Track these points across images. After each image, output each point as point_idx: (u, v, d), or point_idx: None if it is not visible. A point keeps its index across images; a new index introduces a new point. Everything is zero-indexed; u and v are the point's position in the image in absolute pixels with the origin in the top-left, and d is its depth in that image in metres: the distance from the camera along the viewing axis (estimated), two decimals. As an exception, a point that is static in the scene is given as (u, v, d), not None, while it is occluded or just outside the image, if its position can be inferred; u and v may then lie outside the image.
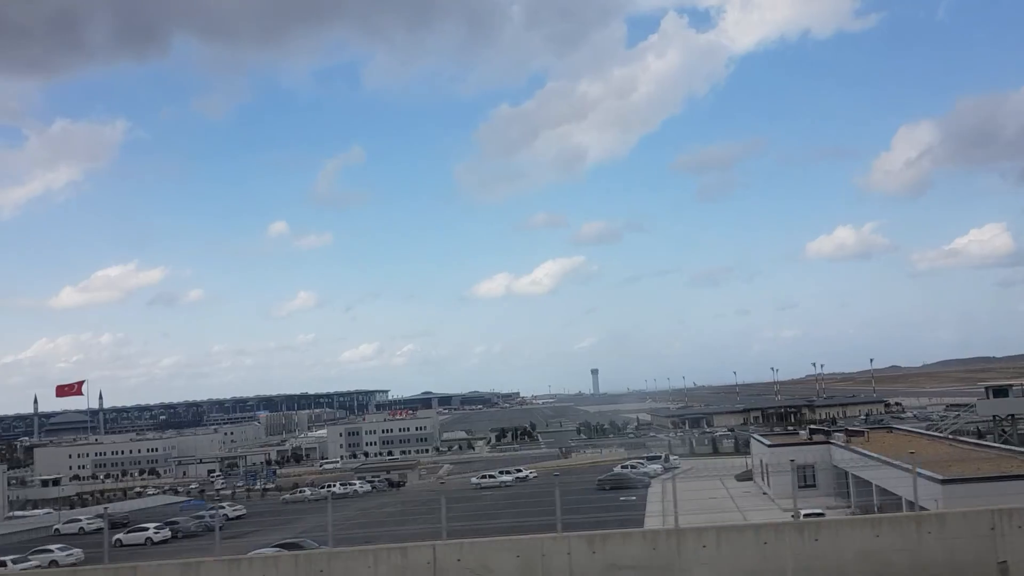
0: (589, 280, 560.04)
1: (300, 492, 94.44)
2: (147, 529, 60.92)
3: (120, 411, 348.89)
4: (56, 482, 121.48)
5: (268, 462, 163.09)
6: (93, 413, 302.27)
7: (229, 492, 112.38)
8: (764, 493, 60.90)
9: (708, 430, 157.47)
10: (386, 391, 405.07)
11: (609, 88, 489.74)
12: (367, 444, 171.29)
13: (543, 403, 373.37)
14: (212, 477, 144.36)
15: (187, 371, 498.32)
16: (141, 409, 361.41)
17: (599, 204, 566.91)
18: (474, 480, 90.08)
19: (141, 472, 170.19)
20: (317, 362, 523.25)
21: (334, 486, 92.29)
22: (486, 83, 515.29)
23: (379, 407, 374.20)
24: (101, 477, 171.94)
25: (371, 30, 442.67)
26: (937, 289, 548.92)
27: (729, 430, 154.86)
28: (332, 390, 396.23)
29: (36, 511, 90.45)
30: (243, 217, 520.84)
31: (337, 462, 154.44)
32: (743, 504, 56.20)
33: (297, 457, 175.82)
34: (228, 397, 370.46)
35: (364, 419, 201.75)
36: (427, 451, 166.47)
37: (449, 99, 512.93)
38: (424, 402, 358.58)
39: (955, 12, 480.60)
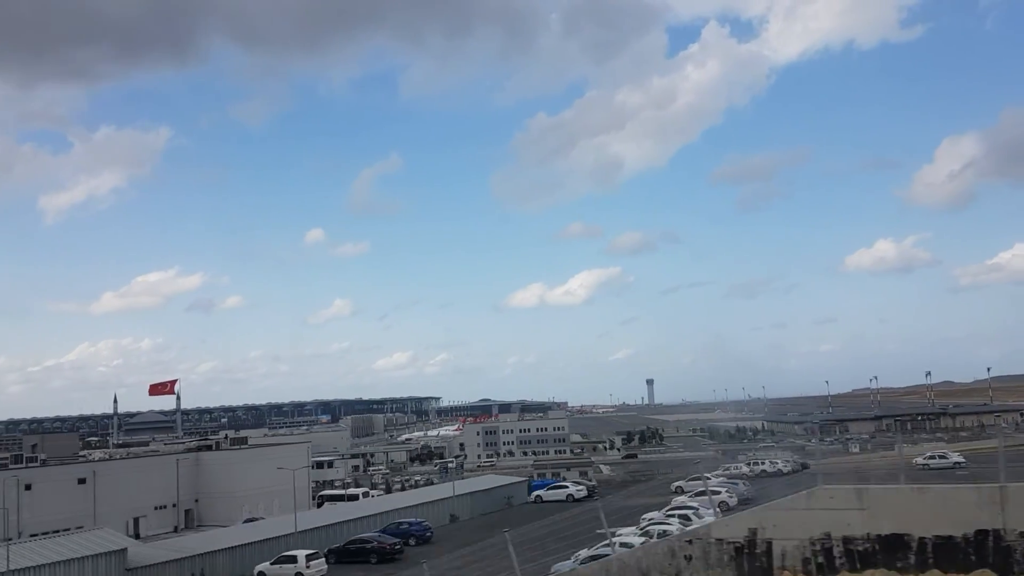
0: (624, 291, 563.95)
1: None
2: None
3: (183, 413, 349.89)
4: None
5: (413, 459, 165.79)
6: (170, 414, 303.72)
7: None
8: None
9: (850, 435, 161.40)
10: (438, 398, 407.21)
11: (648, 98, 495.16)
12: (504, 444, 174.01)
13: (603, 412, 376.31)
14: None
15: (224, 376, 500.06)
16: (201, 412, 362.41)
17: (635, 214, 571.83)
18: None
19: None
20: (350, 370, 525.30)
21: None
22: (524, 92, 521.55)
23: (440, 413, 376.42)
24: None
25: (409, 39, 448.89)
26: (980, 304, 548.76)
27: (870, 436, 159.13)
28: (367, 397, 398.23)
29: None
30: (280, 224, 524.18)
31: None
32: None
33: (426, 456, 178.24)
34: (287, 401, 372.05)
35: (497, 419, 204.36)
36: (564, 451, 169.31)
37: (486, 108, 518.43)
38: (483, 409, 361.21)
39: (1002, 22, 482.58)
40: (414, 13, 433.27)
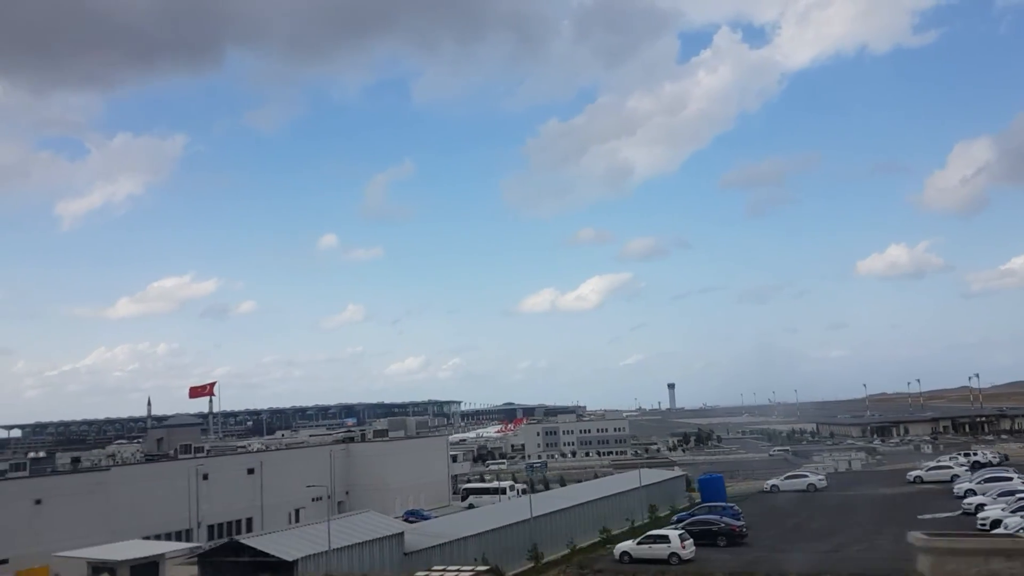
0: (636, 296, 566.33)
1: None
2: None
3: (211, 416, 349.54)
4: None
5: (475, 459, 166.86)
6: (203, 416, 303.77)
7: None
8: None
9: (910, 438, 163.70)
10: (459, 402, 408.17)
11: (660, 103, 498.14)
12: (564, 444, 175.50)
13: (627, 416, 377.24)
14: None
15: (237, 381, 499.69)
16: (227, 415, 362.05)
17: (646, 220, 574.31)
18: None
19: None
20: (364, 374, 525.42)
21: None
22: (535, 97, 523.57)
23: (463, 417, 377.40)
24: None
25: (422, 44, 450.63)
26: (993, 309, 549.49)
27: (932, 437, 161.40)
28: (388, 400, 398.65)
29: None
30: (294, 230, 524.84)
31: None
32: None
33: (485, 455, 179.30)
34: (311, 404, 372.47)
35: (557, 420, 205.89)
36: (624, 452, 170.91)
37: (498, 113, 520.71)
38: (507, 413, 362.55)
39: (1015, 27, 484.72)
40: (426, 19, 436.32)
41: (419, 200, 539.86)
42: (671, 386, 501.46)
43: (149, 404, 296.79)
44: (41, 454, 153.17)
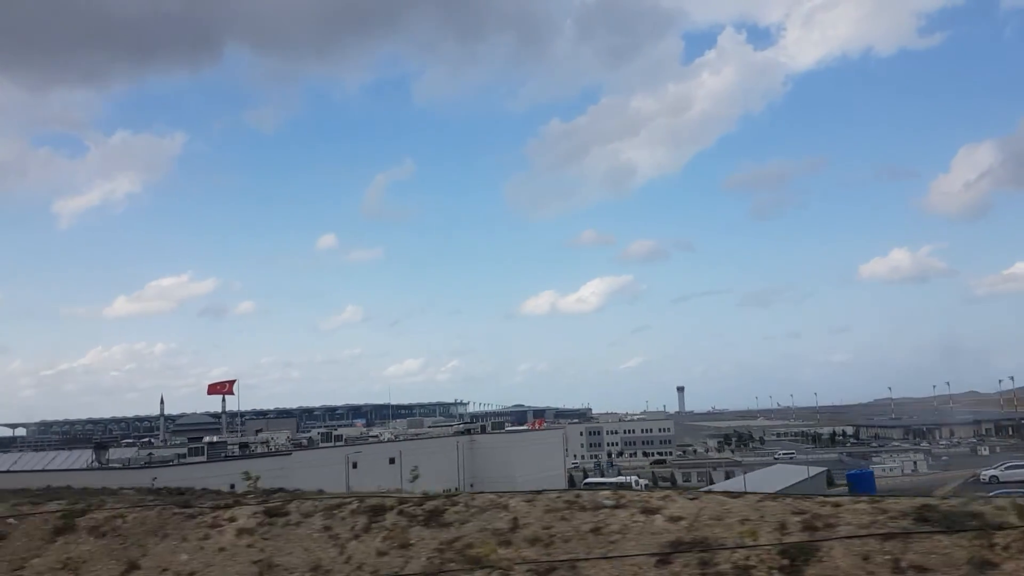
0: (637, 299, 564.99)
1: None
2: None
3: (219, 416, 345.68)
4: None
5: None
6: (215, 415, 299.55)
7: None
8: None
9: (957, 439, 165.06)
10: (465, 403, 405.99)
11: (663, 104, 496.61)
12: (609, 444, 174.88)
13: (639, 418, 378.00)
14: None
15: (238, 382, 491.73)
16: (232, 415, 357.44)
17: (649, 222, 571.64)
18: None
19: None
20: (362, 376, 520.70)
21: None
22: (537, 98, 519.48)
23: (474, 419, 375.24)
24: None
25: (423, 44, 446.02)
26: (996, 314, 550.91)
27: (978, 439, 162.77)
28: (395, 402, 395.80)
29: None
30: (293, 230, 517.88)
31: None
32: None
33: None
34: (318, 405, 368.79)
35: (599, 421, 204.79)
36: (670, 453, 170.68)
37: (500, 114, 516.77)
38: (518, 415, 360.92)
39: (1022, 30, 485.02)
40: (427, 19, 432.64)
41: (419, 201, 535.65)
42: (680, 389, 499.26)
43: (162, 403, 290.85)
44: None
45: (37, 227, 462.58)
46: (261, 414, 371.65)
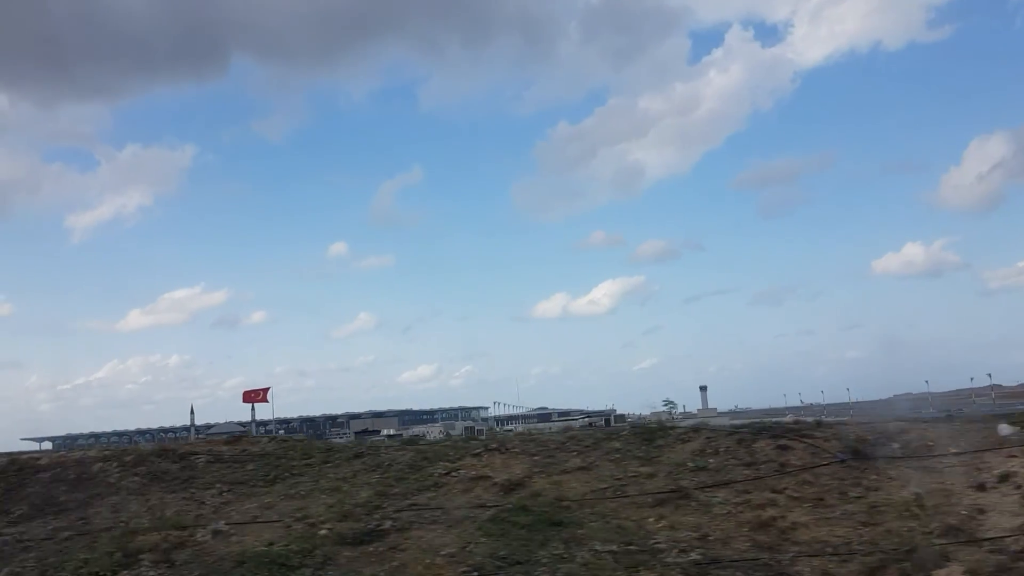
0: (649, 299, 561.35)
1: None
2: None
3: (247, 424, 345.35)
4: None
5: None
6: (244, 424, 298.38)
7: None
8: None
9: None
10: (487, 407, 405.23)
11: (671, 104, 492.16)
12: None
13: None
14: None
15: (270, 389, 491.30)
16: (258, 424, 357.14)
17: (658, 222, 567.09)
18: None
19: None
20: (376, 383, 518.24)
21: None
22: (544, 101, 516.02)
23: (499, 422, 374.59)
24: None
25: (428, 49, 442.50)
26: (1012, 307, 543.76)
27: None
28: (416, 407, 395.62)
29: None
30: (304, 238, 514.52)
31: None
32: None
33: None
34: (341, 412, 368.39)
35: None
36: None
37: (507, 117, 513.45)
38: (542, 417, 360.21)
39: None
40: (432, 23, 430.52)
41: (429, 206, 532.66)
42: (703, 388, 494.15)
43: (192, 412, 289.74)
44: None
45: (50, 242, 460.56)
46: (284, 422, 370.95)
